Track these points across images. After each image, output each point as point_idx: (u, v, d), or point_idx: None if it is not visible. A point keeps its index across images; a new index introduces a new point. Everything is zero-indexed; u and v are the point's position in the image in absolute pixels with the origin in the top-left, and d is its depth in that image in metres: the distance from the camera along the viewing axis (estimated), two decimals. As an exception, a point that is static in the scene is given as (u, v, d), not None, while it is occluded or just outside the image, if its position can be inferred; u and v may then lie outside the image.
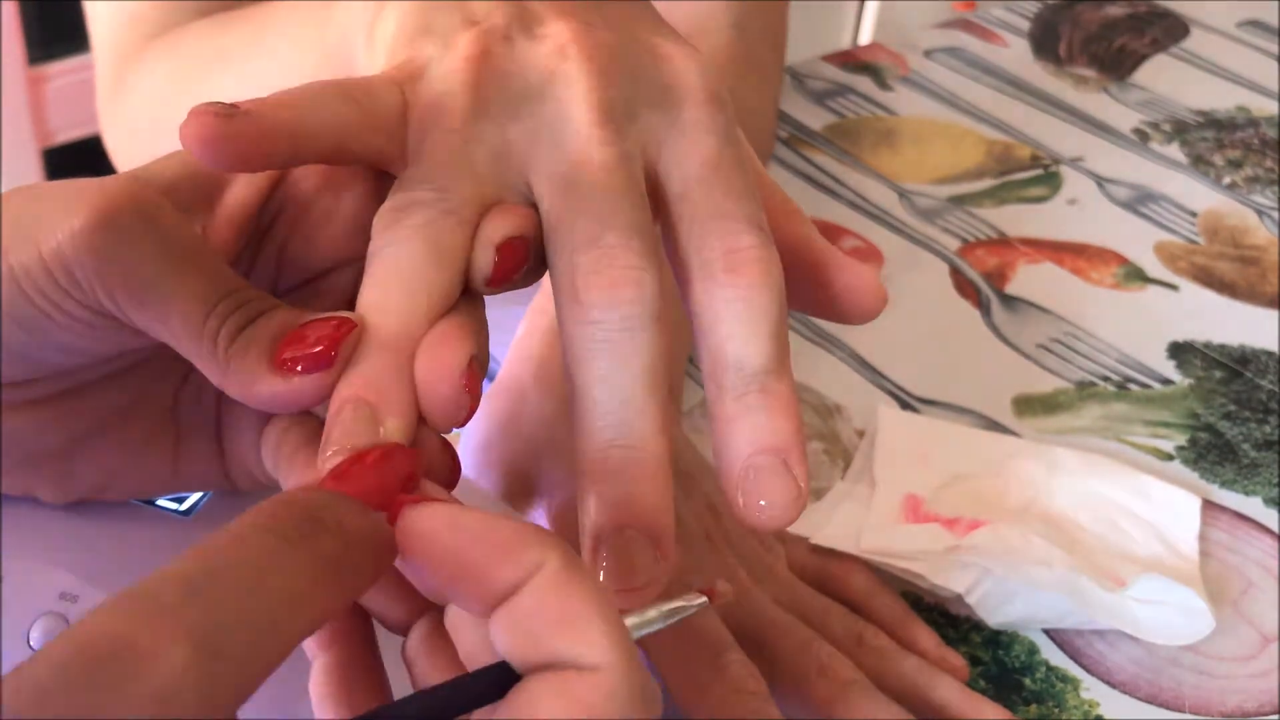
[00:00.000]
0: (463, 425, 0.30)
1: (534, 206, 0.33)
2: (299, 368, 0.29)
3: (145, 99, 0.63)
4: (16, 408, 0.32)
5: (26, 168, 1.24)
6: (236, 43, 0.57)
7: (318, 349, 0.29)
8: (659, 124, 0.33)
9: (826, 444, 0.57)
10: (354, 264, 0.33)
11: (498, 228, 0.31)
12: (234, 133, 0.30)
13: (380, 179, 0.33)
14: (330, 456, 0.28)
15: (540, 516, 0.47)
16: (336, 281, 0.34)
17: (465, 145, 0.32)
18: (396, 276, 0.30)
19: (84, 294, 0.29)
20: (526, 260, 0.32)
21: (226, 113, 0.30)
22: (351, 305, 0.32)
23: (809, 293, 0.35)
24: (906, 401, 0.60)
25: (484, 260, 0.31)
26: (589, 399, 0.30)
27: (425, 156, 0.32)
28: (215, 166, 0.30)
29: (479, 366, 0.30)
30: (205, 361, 0.30)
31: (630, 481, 0.30)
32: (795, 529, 0.51)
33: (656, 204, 0.33)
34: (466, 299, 0.31)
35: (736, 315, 0.31)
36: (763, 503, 0.30)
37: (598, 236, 0.31)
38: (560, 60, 0.33)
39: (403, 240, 0.31)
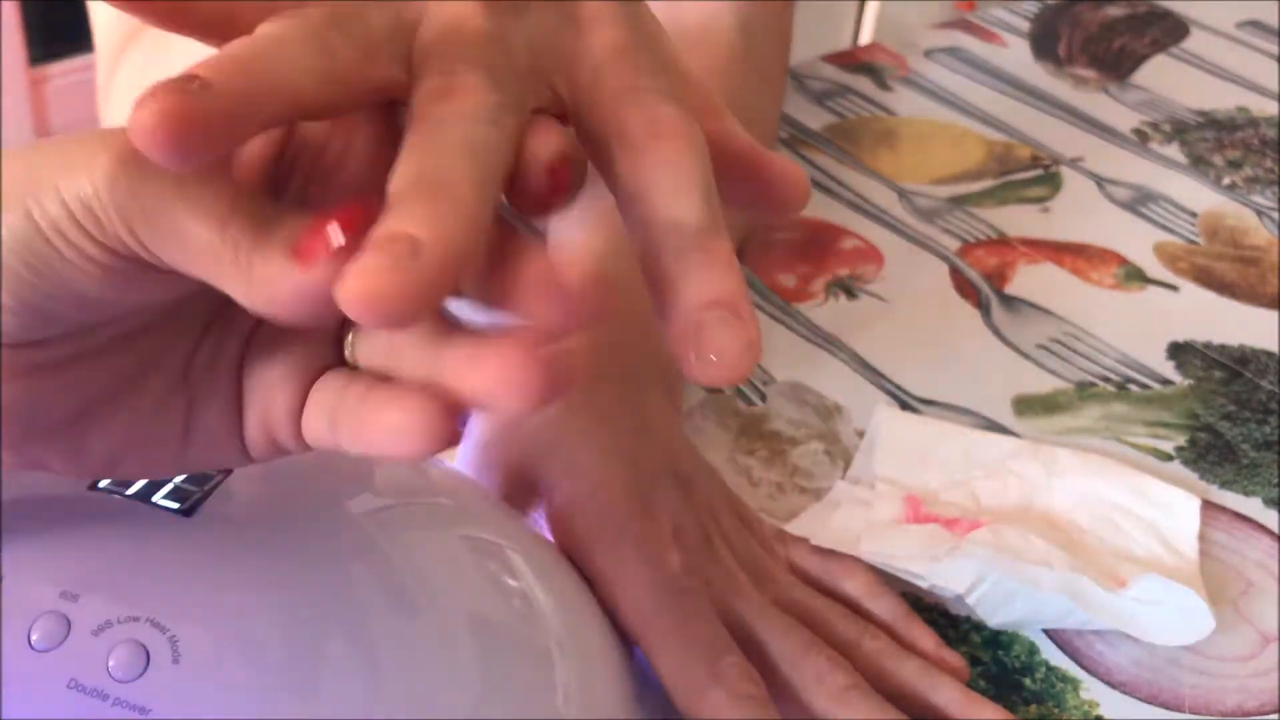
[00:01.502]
0: (547, 213, 0.30)
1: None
2: (321, 255, 0.27)
3: (124, 94, 0.62)
4: (25, 374, 0.31)
5: (27, 168, 1.24)
6: None
7: (338, 231, 0.27)
8: (551, 19, 0.32)
9: (826, 444, 0.57)
10: None
11: (546, 144, 0.30)
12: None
13: (392, 114, 0.31)
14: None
15: (540, 516, 0.47)
16: None
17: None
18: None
19: (104, 233, 0.29)
20: (573, 179, 0.31)
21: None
22: None
23: (737, 186, 0.34)
24: (906, 402, 0.60)
25: (538, 176, 0.30)
26: (407, 169, 0.28)
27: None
28: (180, 165, 0.27)
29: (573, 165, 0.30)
30: (228, 275, 0.28)
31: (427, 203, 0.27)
32: (796, 530, 0.51)
33: (562, 98, 0.32)
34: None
35: (667, 180, 0.31)
36: (713, 356, 0.29)
37: (456, 73, 0.30)
38: None
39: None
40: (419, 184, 0.27)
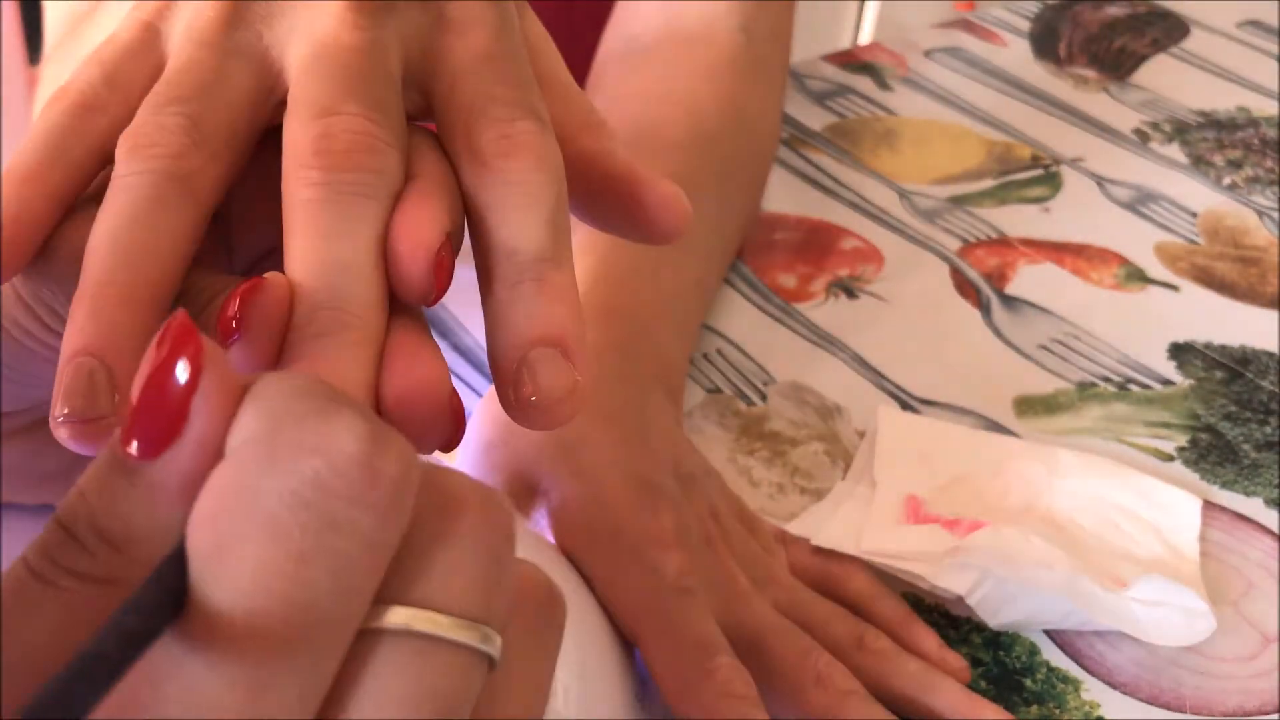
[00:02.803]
0: (432, 305, 0.28)
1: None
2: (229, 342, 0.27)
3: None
4: (21, 433, 0.32)
5: (26, 168, 1.24)
6: None
7: (233, 323, 0.27)
8: (420, 19, 0.31)
9: (826, 444, 0.57)
10: None
11: (420, 247, 0.28)
12: (9, 253, 0.28)
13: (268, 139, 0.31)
14: (60, 420, 0.26)
15: (541, 517, 0.47)
16: None
17: (219, 61, 0.30)
18: (134, 216, 0.28)
19: (59, 322, 0.29)
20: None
21: None
22: None
23: (609, 209, 0.33)
24: (907, 402, 0.60)
25: (420, 280, 0.28)
26: (308, 257, 0.27)
27: (176, 76, 0.30)
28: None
29: (454, 243, 0.28)
30: None
31: (335, 348, 0.27)
32: (796, 530, 0.51)
33: (429, 105, 0.32)
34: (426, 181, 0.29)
35: (509, 201, 0.29)
36: (533, 397, 0.28)
37: (336, 107, 0.29)
38: None
39: (142, 173, 0.28)
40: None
